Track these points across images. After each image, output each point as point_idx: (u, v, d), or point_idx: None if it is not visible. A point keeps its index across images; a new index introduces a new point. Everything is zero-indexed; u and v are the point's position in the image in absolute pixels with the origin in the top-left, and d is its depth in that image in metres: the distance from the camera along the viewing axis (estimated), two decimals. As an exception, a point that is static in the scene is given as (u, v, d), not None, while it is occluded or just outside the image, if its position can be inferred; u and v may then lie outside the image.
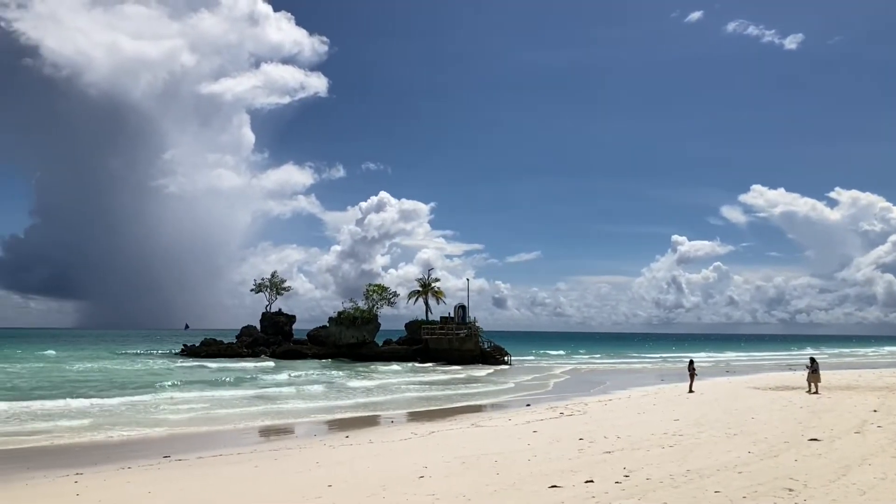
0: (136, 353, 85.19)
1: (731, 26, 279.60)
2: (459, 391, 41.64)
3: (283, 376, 49.16)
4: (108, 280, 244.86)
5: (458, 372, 58.10)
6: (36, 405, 29.49)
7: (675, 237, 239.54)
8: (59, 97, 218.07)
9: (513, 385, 46.36)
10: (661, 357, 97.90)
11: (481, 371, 59.62)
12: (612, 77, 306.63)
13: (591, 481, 12.58)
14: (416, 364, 65.88)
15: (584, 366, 73.55)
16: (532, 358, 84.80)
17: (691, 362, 38.95)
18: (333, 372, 54.00)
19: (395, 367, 62.35)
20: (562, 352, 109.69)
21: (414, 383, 46.51)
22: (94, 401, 31.87)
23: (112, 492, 14.17)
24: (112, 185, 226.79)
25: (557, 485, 12.46)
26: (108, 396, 34.40)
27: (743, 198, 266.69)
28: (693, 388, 36.37)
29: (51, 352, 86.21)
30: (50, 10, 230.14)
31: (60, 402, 30.21)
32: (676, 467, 13.75)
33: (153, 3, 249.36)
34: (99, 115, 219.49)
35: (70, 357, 75.94)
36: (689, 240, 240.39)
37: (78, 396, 33.39)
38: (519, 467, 14.64)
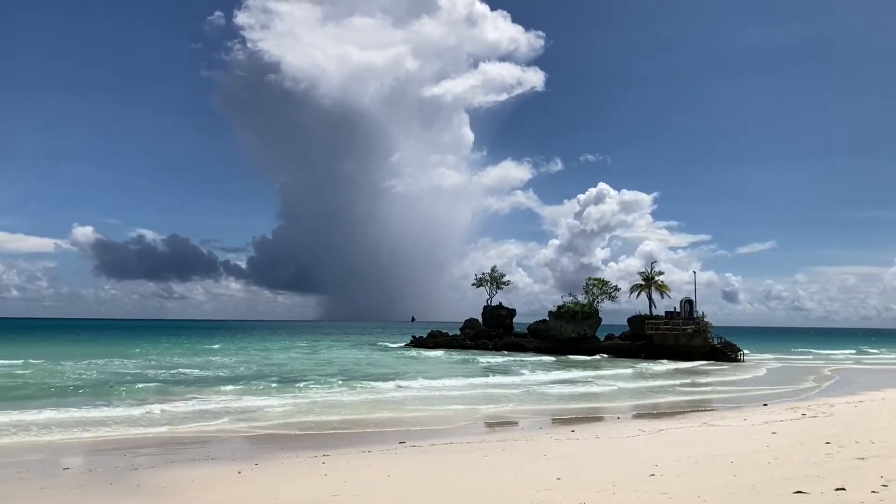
0: (397, 347, 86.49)
1: None
2: (688, 388, 40.04)
3: (516, 374, 50.06)
4: (345, 276, 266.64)
5: (686, 369, 55.81)
6: (302, 396, 31.95)
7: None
8: (298, 108, 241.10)
9: (747, 382, 43.81)
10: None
11: (712, 370, 56.76)
12: (853, 49, 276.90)
13: (843, 489, 11.55)
14: (642, 360, 64.11)
15: (829, 363, 67.54)
16: (768, 355, 79.22)
17: (961, 362, 34.38)
18: (558, 367, 54.17)
19: (620, 362, 61.22)
20: (800, 348, 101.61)
21: (641, 379, 45.54)
22: (347, 394, 34.09)
23: (354, 473, 15.27)
24: (347, 188, 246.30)
25: (803, 490, 11.58)
26: (358, 388, 36.60)
27: None
28: (964, 392, 32.14)
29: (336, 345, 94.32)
30: (289, 29, 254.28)
31: (325, 392, 32.92)
32: (947, 479, 12.23)
33: (378, 13, 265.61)
34: (333, 123, 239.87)
35: (335, 346, 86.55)
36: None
37: (339, 384, 36.44)
38: (758, 470, 13.81)
